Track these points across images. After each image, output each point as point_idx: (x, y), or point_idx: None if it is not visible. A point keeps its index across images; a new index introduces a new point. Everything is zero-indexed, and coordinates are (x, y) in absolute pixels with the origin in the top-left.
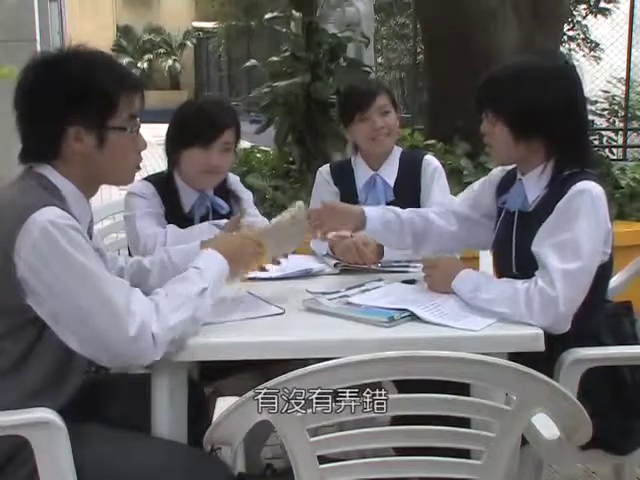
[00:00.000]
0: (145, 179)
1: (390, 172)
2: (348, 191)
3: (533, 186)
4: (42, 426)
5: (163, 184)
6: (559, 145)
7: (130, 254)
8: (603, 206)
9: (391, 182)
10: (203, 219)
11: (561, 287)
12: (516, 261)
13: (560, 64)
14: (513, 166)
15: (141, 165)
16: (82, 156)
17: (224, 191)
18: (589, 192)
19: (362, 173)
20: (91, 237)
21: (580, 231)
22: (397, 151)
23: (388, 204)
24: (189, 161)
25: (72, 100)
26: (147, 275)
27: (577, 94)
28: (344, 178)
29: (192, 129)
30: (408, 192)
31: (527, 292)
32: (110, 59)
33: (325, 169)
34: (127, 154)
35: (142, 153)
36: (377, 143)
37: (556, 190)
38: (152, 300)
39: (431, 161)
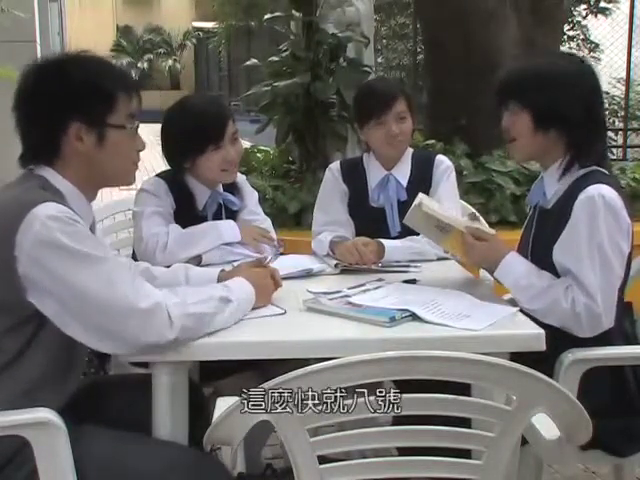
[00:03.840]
0: (158, 176)
1: (403, 172)
2: (359, 190)
3: (551, 181)
4: (42, 426)
5: (176, 183)
6: (576, 141)
7: (134, 253)
8: (618, 208)
9: (404, 182)
10: (216, 216)
11: (602, 302)
12: (531, 256)
13: (583, 68)
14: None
15: (141, 165)
16: (82, 156)
17: (233, 187)
18: (602, 197)
19: (375, 172)
20: None
21: (603, 239)
22: (409, 151)
23: (400, 204)
24: (207, 164)
25: (72, 98)
26: (152, 281)
27: (596, 97)
28: (355, 177)
29: (199, 135)
30: (420, 192)
31: (573, 310)
32: (108, 61)
33: (335, 166)
34: (126, 153)
35: (142, 153)
36: (391, 148)
37: (572, 189)
38: (169, 290)
39: (443, 160)
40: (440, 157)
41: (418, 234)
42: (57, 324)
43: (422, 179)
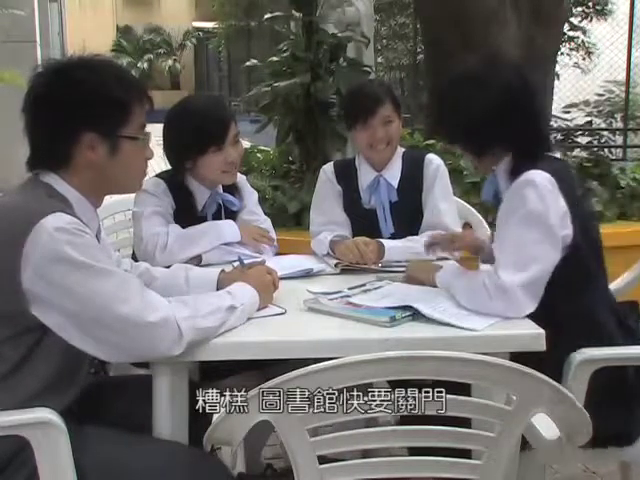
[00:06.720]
0: (157, 176)
1: (394, 173)
2: (351, 192)
3: (503, 178)
4: (42, 426)
5: (175, 183)
6: (512, 142)
7: (134, 253)
8: (550, 192)
9: (394, 183)
10: (215, 216)
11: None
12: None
13: (484, 78)
14: None
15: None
16: (93, 164)
17: (233, 187)
18: (532, 183)
19: (366, 173)
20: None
21: (514, 214)
22: (400, 151)
23: (392, 205)
24: (208, 165)
25: (87, 109)
26: (152, 282)
27: (510, 94)
28: (348, 177)
29: (201, 136)
30: (411, 193)
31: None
32: (122, 69)
33: (329, 167)
34: (137, 163)
35: None
36: (376, 152)
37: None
38: (178, 299)
39: (433, 160)
40: (430, 156)
41: (416, 234)
42: (62, 336)
43: (412, 179)
